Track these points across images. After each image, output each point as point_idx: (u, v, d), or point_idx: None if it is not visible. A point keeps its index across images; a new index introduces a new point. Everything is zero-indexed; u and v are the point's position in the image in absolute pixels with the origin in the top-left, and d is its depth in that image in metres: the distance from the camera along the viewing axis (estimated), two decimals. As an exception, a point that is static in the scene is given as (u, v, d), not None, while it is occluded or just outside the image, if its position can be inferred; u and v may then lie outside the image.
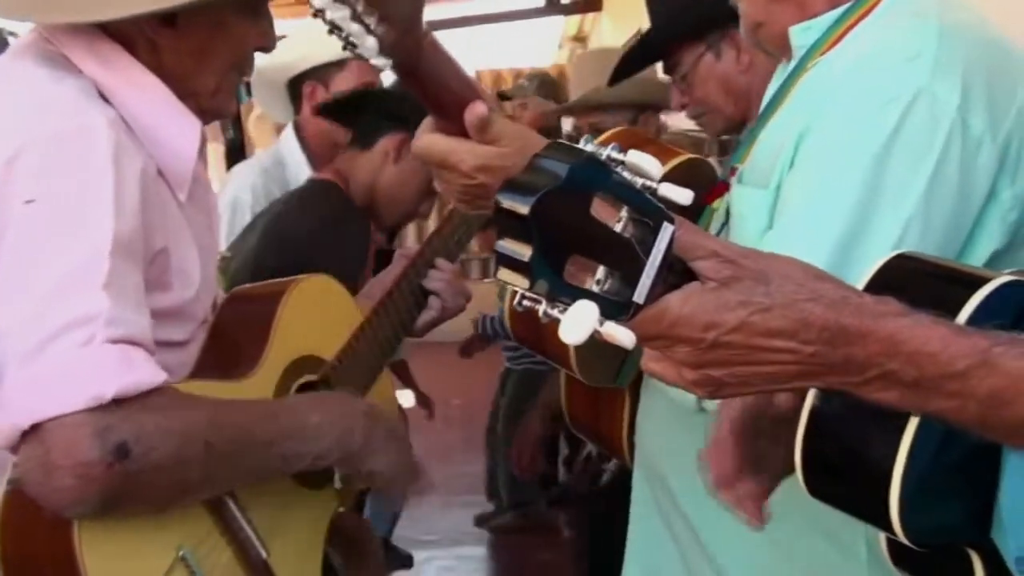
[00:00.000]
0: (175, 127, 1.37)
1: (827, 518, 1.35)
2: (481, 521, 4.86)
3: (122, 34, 1.34)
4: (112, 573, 1.24)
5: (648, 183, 0.78)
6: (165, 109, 1.36)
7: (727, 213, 1.49)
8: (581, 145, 0.76)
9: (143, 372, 1.19)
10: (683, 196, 0.80)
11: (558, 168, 0.73)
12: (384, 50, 0.97)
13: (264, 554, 1.42)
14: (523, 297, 0.75)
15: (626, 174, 0.77)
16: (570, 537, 4.43)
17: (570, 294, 0.74)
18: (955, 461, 0.93)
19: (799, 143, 1.29)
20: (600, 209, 0.74)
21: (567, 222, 0.72)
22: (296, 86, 2.68)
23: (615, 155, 0.77)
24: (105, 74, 1.32)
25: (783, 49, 1.44)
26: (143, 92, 1.34)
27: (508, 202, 0.72)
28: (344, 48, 0.98)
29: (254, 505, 1.42)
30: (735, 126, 2.15)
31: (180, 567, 1.30)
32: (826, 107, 1.28)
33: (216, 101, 1.43)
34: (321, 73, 2.69)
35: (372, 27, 0.95)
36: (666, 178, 0.80)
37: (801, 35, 1.39)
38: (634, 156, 0.77)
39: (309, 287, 1.62)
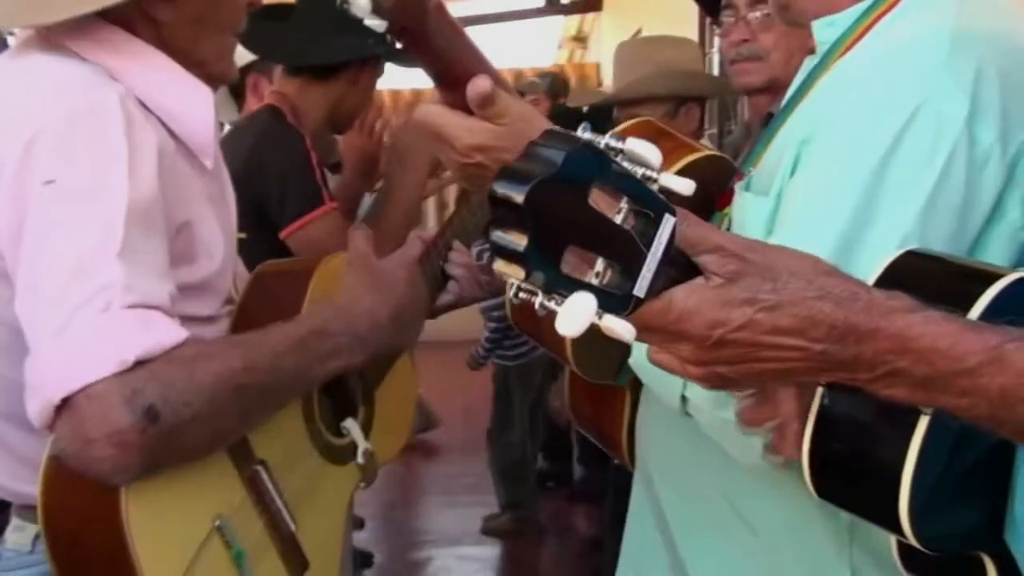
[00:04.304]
0: (187, 98, 1.38)
1: (810, 538, 1.32)
2: (488, 529, 4.85)
3: (120, 16, 1.34)
4: (155, 540, 1.24)
5: (648, 173, 0.76)
6: (175, 82, 1.37)
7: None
8: (579, 133, 0.74)
9: (162, 332, 1.19)
10: (684, 186, 0.77)
11: (554, 156, 0.70)
12: (379, 10, 0.93)
13: (292, 526, 1.44)
14: (519, 289, 0.73)
15: (626, 163, 0.75)
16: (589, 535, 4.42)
17: (567, 286, 0.71)
18: (967, 465, 0.91)
19: (800, 150, 1.23)
20: (600, 199, 0.72)
21: (564, 212, 0.70)
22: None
23: (614, 143, 0.74)
24: (110, 58, 1.33)
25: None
26: (150, 69, 1.35)
27: (503, 190, 0.70)
28: (338, 4, 0.93)
29: (284, 478, 1.44)
30: (770, 89, 2.06)
31: (216, 536, 1.31)
32: (830, 114, 1.22)
33: (221, 66, 1.45)
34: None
35: None
36: (683, 174, 0.77)
37: (823, 31, 1.32)
38: (633, 144, 0.74)
39: (337, 265, 1.61)
